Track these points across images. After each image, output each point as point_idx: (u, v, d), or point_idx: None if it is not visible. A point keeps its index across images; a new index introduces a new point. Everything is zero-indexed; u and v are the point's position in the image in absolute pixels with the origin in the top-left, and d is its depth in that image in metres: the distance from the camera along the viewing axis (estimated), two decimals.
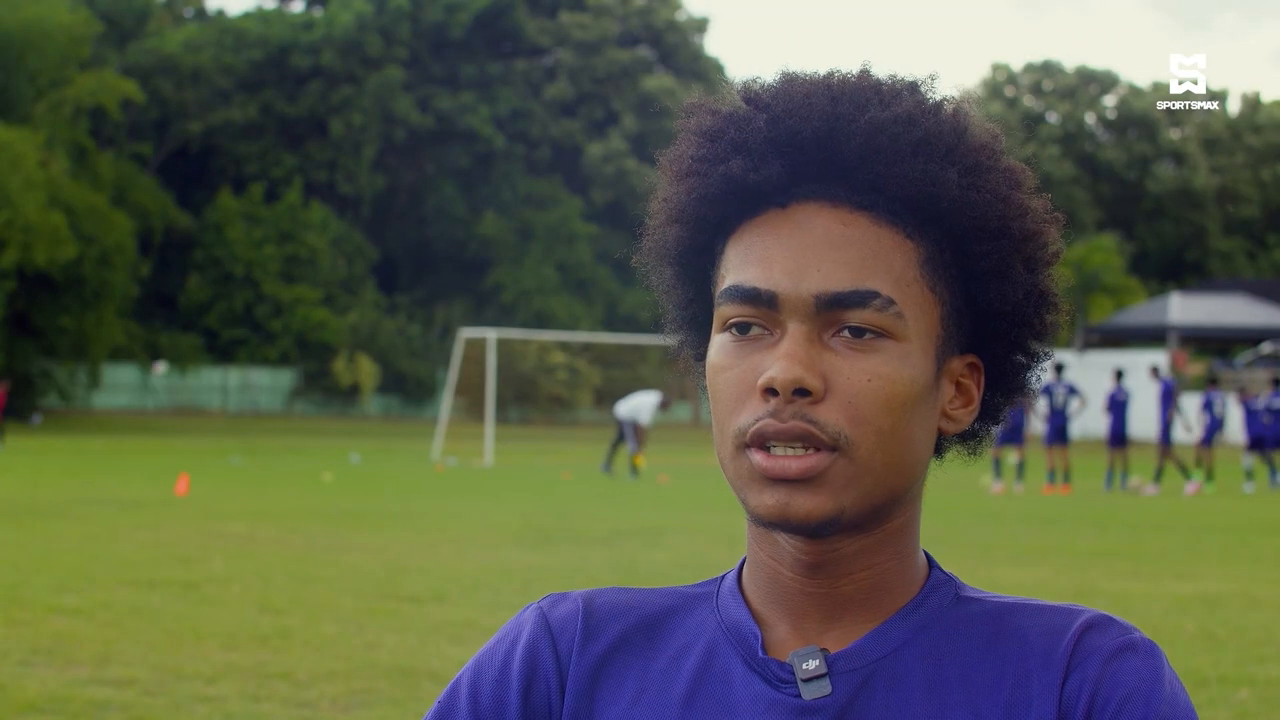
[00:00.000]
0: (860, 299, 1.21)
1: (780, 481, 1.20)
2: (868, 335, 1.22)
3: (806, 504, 1.21)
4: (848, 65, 1.31)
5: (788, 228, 1.24)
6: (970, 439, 1.35)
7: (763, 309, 1.23)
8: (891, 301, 1.22)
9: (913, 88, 1.29)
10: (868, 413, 1.21)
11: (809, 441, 1.20)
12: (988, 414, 1.34)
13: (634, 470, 25.87)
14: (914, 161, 1.24)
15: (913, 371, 1.23)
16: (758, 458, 1.21)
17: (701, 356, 1.36)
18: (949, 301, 1.27)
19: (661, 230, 1.33)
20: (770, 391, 1.20)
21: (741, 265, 1.25)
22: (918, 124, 1.25)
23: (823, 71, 1.30)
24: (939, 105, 1.28)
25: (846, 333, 1.22)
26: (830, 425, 1.20)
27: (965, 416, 1.31)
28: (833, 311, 1.21)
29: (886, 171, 1.23)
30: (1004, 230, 1.27)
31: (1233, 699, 7.05)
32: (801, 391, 1.20)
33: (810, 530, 1.22)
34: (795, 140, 1.24)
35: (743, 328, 1.24)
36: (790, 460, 1.20)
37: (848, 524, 1.23)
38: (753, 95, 1.29)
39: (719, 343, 1.26)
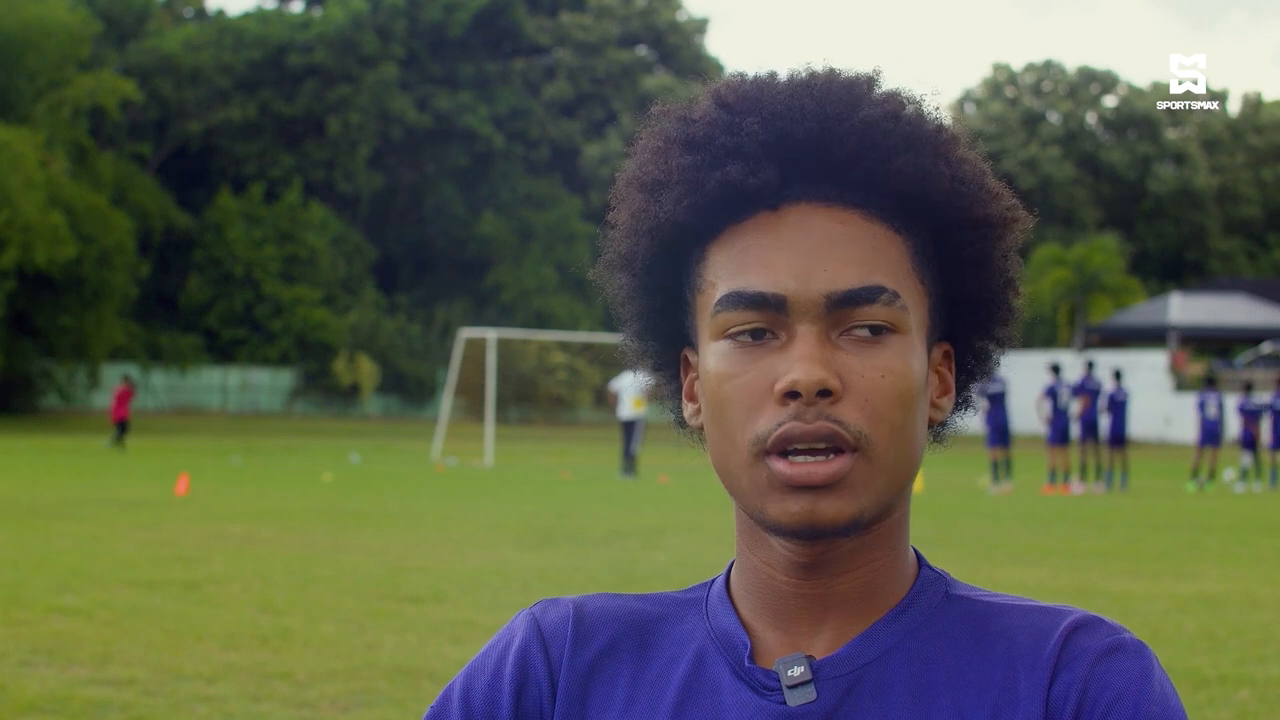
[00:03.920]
0: (870, 295, 1.22)
1: (804, 489, 1.20)
2: (875, 332, 1.22)
3: (831, 509, 1.20)
4: (797, 64, 1.31)
5: (785, 230, 1.24)
6: (941, 426, 1.34)
7: (770, 313, 1.22)
8: (897, 295, 1.23)
9: (876, 83, 1.29)
10: (883, 409, 1.21)
11: (834, 442, 1.19)
12: (960, 401, 1.35)
13: (630, 469, 25.86)
14: (906, 156, 1.24)
15: (918, 365, 1.24)
16: (779, 465, 1.20)
17: (661, 366, 1.36)
18: (934, 292, 1.28)
19: (629, 242, 1.31)
20: (791, 395, 1.20)
21: (739, 271, 1.24)
22: (903, 119, 1.26)
23: (782, 72, 1.30)
24: (911, 100, 1.28)
25: (858, 330, 1.22)
26: (853, 424, 1.20)
27: (947, 405, 1.32)
28: (843, 310, 1.21)
29: (878, 168, 1.24)
30: (986, 218, 1.28)
31: (1233, 699, 7.04)
32: (824, 392, 1.20)
33: (834, 535, 1.22)
34: (787, 142, 1.24)
35: (757, 334, 1.23)
36: (817, 466, 1.19)
37: (866, 526, 1.23)
38: (727, 101, 1.28)
39: (720, 350, 1.24)
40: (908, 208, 1.25)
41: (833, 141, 1.24)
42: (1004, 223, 1.29)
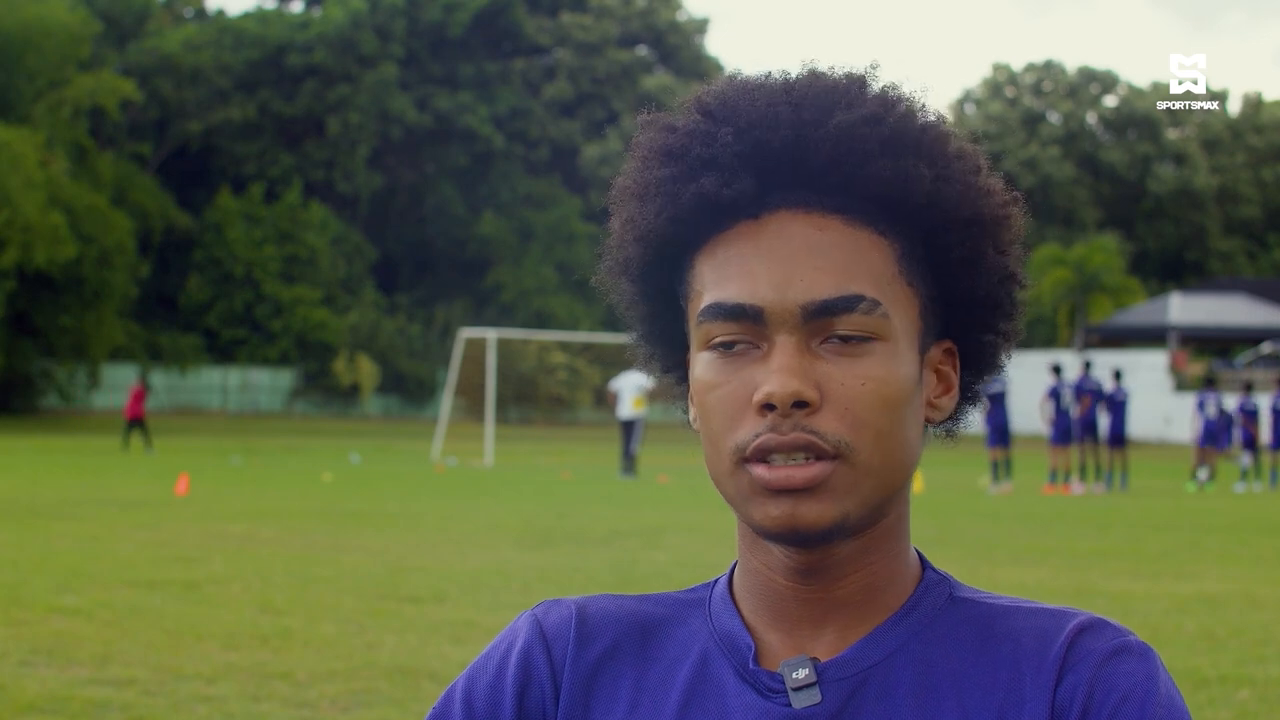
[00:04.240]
0: (847, 304, 1.21)
1: (784, 492, 1.20)
2: (855, 340, 1.21)
3: (811, 512, 1.20)
4: (794, 66, 1.30)
5: (765, 238, 1.23)
6: (950, 423, 1.34)
7: (748, 324, 1.22)
8: (877, 303, 1.22)
9: (863, 83, 1.28)
10: (866, 416, 1.20)
11: (812, 451, 1.19)
12: (966, 397, 1.34)
13: (630, 469, 25.86)
14: (884, 160, 1.23)
15: (904, 369, 1.23)
16: (759, 470, 1.20)
17: (669, 369, 1.36)
18: (925, 294, 1.27)
19: (624, 250, 1.32)
20: (768, 406, 1.20)
21: (721, 281, 1.24)
22: (883, 122, 1.24)
23: (774, 74, 1.29)
24: (898, 100, 1.27)
25: (836, 340, 1.21)
26: (831, 434, 1.20)
27: (949, 403, 1.31)
28: (821, 320, 1.21)
29: (857, 173, 1.23)
30: (975, 217, 1.27)
31: (1233, 699, 7.04)
32: (800, 404, 1.19)
33: (817, 538, 1.22)
34: (764, 151, 1.23)
35: (730, 344, 1.23)
36: (795, 470, 1.19)
37: (851, 529, 1.23)
38: (709, 108, 1.27)
39: (705, 360, 1.25)
40: (889, 211, 1.24)
41: (809, 149, 1.23)
42: (996, 220, 1.28)
